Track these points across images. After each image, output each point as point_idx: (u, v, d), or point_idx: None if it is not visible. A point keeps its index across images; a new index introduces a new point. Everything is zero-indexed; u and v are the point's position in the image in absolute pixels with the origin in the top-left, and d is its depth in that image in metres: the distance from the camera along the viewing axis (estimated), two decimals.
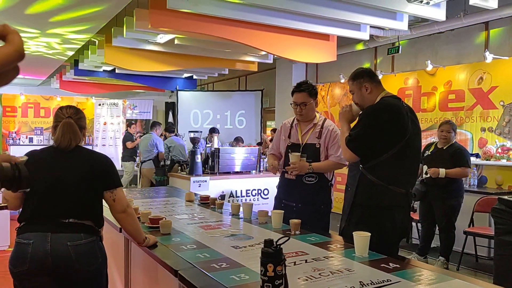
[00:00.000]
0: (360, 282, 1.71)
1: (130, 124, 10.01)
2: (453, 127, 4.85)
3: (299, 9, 5.00)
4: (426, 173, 4.79)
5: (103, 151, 12.19)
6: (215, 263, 1.94)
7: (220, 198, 5.96)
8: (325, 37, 6.41)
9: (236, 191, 6.43)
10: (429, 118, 6.58)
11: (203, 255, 2.09)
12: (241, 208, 3.13)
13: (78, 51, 8.07)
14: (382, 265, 1.94)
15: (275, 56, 7.45)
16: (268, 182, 6.55)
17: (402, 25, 5.69)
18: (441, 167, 4.68)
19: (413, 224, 5.67)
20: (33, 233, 2.08)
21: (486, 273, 4.70)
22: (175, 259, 2.05)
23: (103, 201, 2.26)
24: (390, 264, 1.96)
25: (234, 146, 8.07)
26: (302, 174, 3.16)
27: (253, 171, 6.64)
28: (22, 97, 12.57)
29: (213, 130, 8.03)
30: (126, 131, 9.87)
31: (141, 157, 8.26)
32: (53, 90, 12.60)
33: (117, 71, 9.28)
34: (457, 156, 4.71)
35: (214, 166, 6.32)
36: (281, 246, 1.46)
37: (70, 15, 5.61)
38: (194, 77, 11.09)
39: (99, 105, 12.66)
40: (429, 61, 6.38)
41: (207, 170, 6.43)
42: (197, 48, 7.08)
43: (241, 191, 6.45)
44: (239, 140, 8.42)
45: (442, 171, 4.65)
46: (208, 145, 7.17)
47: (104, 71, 9.62)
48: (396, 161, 2.45)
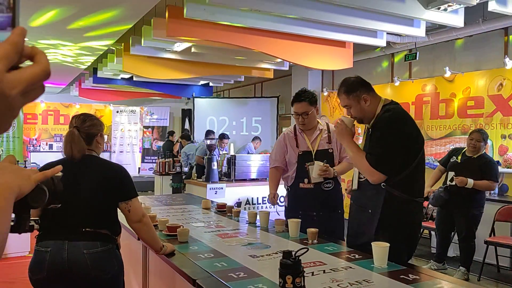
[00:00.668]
0: None
1: (172, 133, 9.94)
2: (483, 136, 4.67)
3: (315, 17, 4.99)
4: (452, 180, 4.65)
5: (120, 157, 12.48)
6: (232, 273, 1.94)
7: (236, 205, 5.96)
8: (341, 44, 6.40)
9: (252, 198, 6.43)
10: (448, 125, 6.50)
11: (221, 264, 2.09)
12: (258, 216, 3.13)
13: (97, 60, 8.21)
14: (402, 276, 1.91)
15: (291, 63, 7.46)
16: (284, 190, 6.52)
17: (419, 31, 5.64)
18: (468, 176, 4.52)
19: (432, 233, 5.58)
20: (51, 241, 2.12)
21: (508, 284, 4.60)
22: (193, 267, 2.06)
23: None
24: (410, 275, 1.93)
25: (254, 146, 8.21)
26: (321, 181, 3.15)
27: None
28: (43, 104, 12.82)
29: (223, 136, 7.92)
30: (168, 139, 9.79)
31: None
32: (72, 98, 12.83)
33: (134, 78, 9.41)
34: (487, 169, 4.57)
35: (230, 173, 6.33)
36: (299, 258, 1.45)
37: (93, 21, 5.76)
38: (210, 84, 11.18)
39: (117, 112, 12.84)
40: (447, 68, 6.31)
41: (223, 177, 6.45)
42: (213, 56, 7.14)
43: (257, 198, 6.45)
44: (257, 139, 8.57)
45: (470, 182, 4.49)
46: (224, 152, 7.19)
47: (122, 78, 9.77)
48: (417, 171, 2.37)
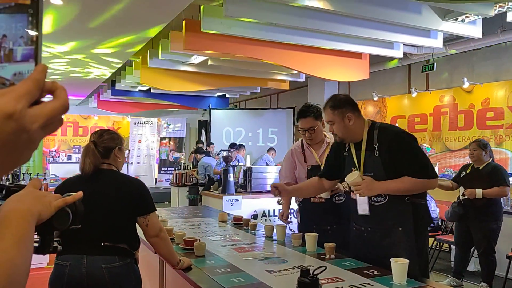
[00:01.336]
0: None
1: (209, 144, 9.85)
2: (479, 144, 4.65)
3: (332, 29, 5.00)
4: (464, 195, 4.62)
5: (137, 168, 12.59)
6: None
7: (252, 217, 5.96)
8: (358, 55, 6.39)
9: (268, 210, 6.40)
10: (467, 136, 6.40)
11: (237, 279, 2.08)
12: (275, 230, 3.12)
13: (116, 72, 8.34)
14: None
15: (307, 74, 7.46)
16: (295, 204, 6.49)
17: (436, 42, 5.61)
18: (478, 187, 4.48)
19: (452, 247, 5.48)
20: (70, 255, 2.14)
21: None
22: (210, 283, 2.05)
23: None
24: None
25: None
26: (333, 194, 3.15)
27: None
28: (62, 116, 13.02)
29: (233, 145, 7.87)
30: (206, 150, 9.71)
31: None
32: (91, 110, 13.05)
33: (152, 90, 9.52)
34: (494, 175, 4.51)
35: (247, 185, 6.33)
36: (317, 276, 1.44)
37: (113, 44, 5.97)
38: (227, 95, 11.25)
39: (135, 123, 12.99)
40: (465, 78, 6.24)
41: (239, 188, 6.45)
42: (229, 68, 7.19)
43: (273, 210, 6.41)
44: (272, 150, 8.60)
45: (478, 192, 4.44)
46: (241, 164, 7.20)
47: (140, 90, 9.91)
48: None
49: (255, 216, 6.17)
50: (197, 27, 4.81)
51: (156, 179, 12.55)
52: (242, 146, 8.20)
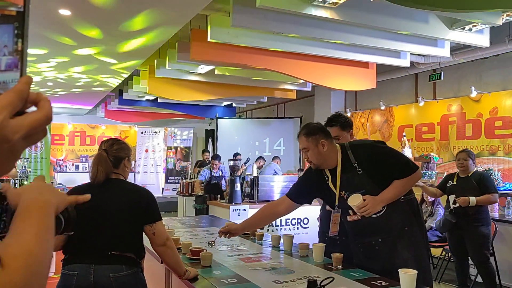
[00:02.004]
0: None
1: (204, 151, 9.77)
2: (469, 154, 4.79)
3: (338, 39, 5.00)
4: (455, 203, 4.69)
5: (144, 178, 12.60)
6: None
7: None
8: (365, 64, 6.38)
9: (275, 220, 6.36)
10: (475, 145, 6.35)
11: None
12: (282, 240, 3.09)
13: (123, 82, 8.40)
14: None
15: (314, 84, 7.47)
16: (308, 211, 6.45)
17: (443, 51, 5.59)
18: (468, 195, 4.58)
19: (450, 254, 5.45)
20: (77, 265, 2.14)
21: None
22: None
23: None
24: None
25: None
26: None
27: None
28: (70, 125, 13.14)
29: (215, 157, 7.78)
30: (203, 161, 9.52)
31: None
32: (98, 119, 13.12)
33: (159, 100, 9.56)
34: (484, 183, 4.62)
35: (254, 195, 6.31)
36: (325, 287, 1.43)
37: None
38: (234, 105, 11.27)
39: (142, 133, 13.03)
40: (473, 87, 6.20)
41: (246, 198, 6.43)
42: (236, 77, 7.21)
43: (280, 220, 6.38)
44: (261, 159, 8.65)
45: (472, 199, 4.54)
46: (248, 174, 7.18)
47: (147, 100, 9.96)
48: None
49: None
50: (204, 37, 4.84)
51: (163, 189, 12.56)
52: (261, 158, 8.23)
